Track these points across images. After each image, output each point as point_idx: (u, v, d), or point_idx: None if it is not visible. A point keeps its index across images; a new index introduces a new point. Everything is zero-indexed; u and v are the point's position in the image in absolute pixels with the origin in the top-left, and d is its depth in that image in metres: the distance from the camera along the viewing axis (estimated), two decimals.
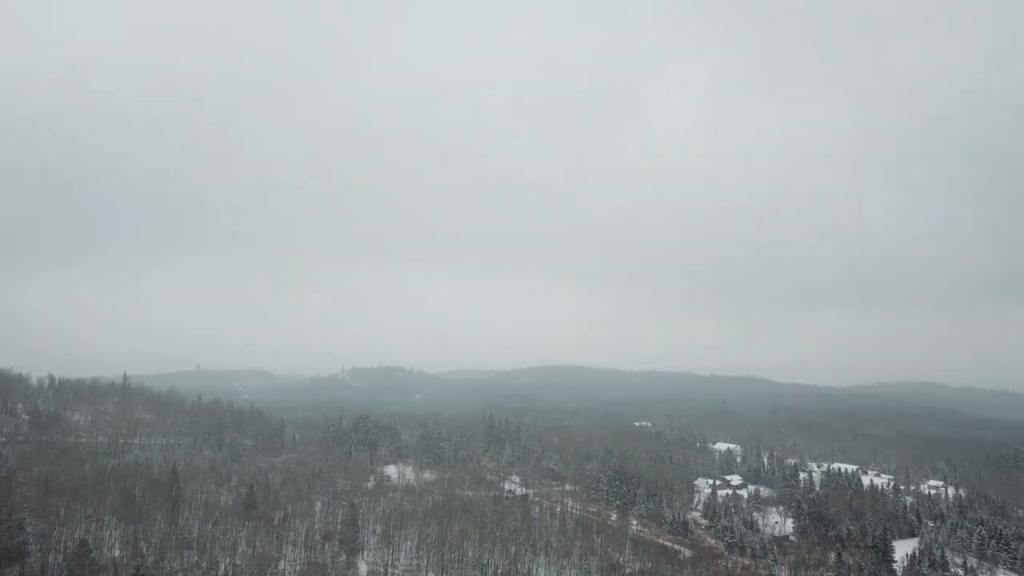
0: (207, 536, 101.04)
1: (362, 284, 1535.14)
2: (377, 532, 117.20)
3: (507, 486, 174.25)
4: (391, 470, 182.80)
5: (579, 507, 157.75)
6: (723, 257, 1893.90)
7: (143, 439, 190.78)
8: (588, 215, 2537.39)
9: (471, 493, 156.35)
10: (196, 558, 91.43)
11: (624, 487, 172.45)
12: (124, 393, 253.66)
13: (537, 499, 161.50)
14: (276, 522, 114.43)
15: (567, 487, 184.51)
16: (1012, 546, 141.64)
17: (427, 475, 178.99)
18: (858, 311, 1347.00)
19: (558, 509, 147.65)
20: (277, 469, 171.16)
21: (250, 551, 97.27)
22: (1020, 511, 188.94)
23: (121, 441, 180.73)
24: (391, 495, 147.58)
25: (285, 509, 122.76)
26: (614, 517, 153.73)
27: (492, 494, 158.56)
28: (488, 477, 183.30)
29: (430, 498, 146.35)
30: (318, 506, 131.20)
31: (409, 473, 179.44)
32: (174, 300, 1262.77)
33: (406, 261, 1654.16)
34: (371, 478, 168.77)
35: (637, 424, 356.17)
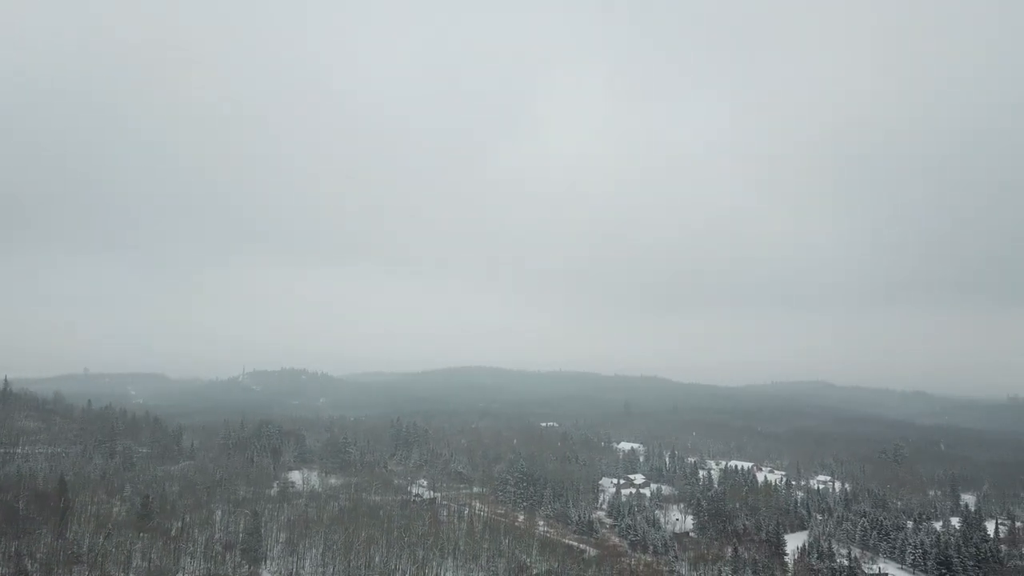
0: (98, 550, 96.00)
1: (261, 285, 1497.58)
2: (281, 540, 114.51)
3: (415, 490, 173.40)
4: (296, 476, 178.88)
5: (487, 509, 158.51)
6: (626, 260, 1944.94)
7: (26, 448, 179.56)
8: (490, 217, 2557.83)
9: (378, 498, 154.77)
10: (87, 573, 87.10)
11: (531, 488, 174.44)
12: (3, 399, 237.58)
13: (445, 502, 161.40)
14: (173, 533, 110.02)
15: (475, 490, 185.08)
16: (891, 536, 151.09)
17: (333, 480, 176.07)
18: (755, 313, 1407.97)
19: (466, 512, 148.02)
20: (174, 477, 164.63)
21: (145, 564, 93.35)
22: (899, 502, 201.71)
23: (1, 451, 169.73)
24: (296, 502, 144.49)
25: (183, 519, 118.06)
26: (521, 518, 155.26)
27: (400, 499, 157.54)
28: (396, 481, 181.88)
29: (336, 504, 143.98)
30: (218, 515, 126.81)
31: (314, 479, 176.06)
32: (56, 300, 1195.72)
33: (307, 262, 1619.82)
34: (275, 485, 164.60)
35: (544, 425, 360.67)
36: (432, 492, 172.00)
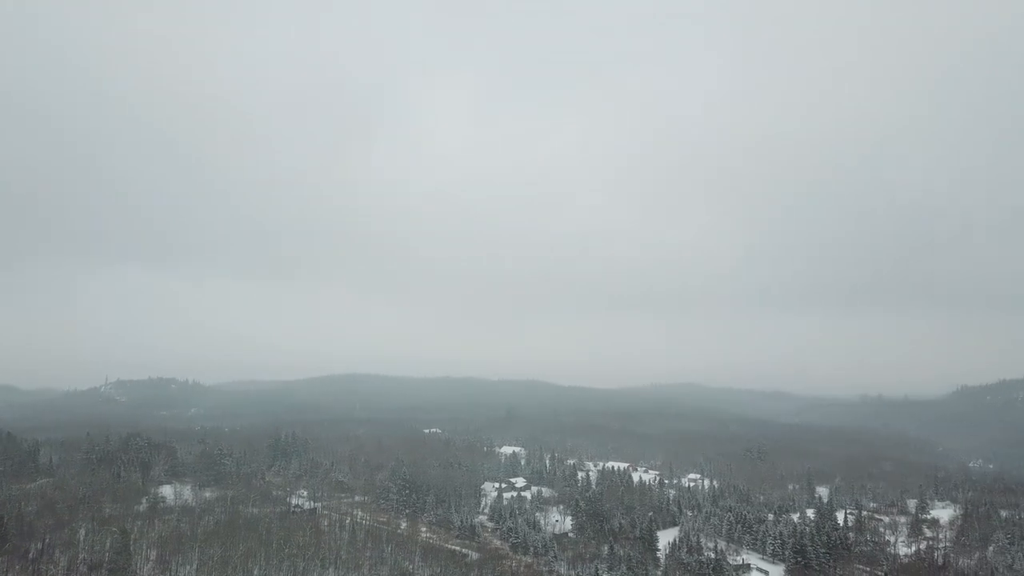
0: None
1: (123, 289, 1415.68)
2: (152, 558, 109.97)
3: (295, 501, 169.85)
4: (167, 490, 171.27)
5: (369, 517, 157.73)
6: (507, 265, 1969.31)
7: None
8: (369, 222, 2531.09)
9: (256, 510, 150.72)
10: None
11: (414, 495, 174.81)
12: None
13: (327, 512, 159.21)
14: (32, 555, 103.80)
15: (357, 498, 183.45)
16: (754, 528, 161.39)
17: (208, 494, 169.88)
18: (633, 317, 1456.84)
19: (347, 521, 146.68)
20: (31, 496, 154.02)
21: None
22: (761, 497, 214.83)
23: None
24: (167, 517, 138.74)
25: (43, 540, 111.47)
26: (404, 525, 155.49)
27: (279, 510, 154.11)
28: (275, 493, 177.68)
29: (211, 518, 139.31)
30: (83, 534, 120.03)
31: (187, 493, 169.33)
32: None
33: (175, 269, 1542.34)
34: (144, 501, 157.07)
35: (428, 431, 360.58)
36: (313, 502, 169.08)
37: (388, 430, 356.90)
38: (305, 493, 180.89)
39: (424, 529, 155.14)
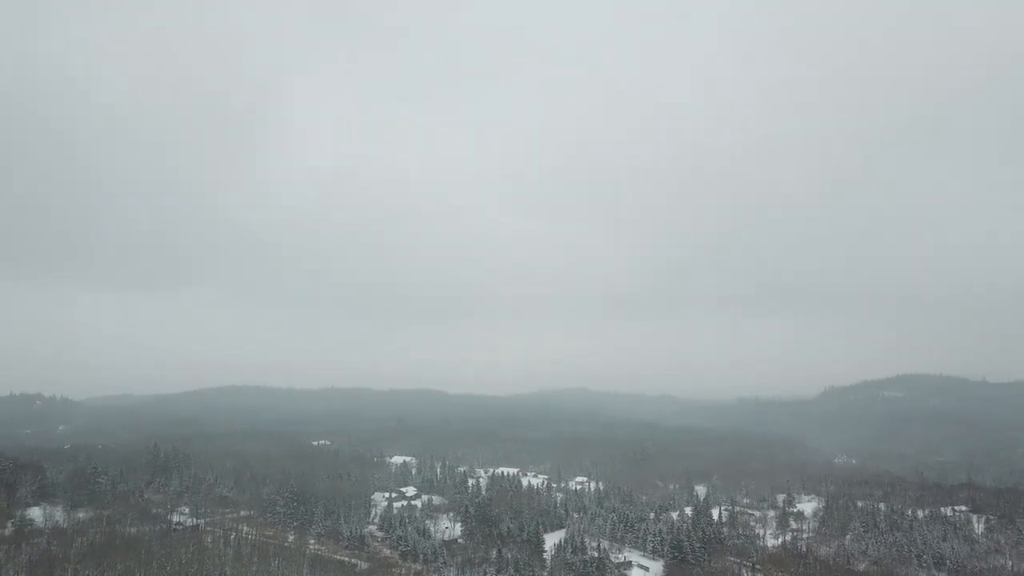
0: None
1: None
2: None
3: (176, 518, 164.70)
4: (35, 512, 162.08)
5: (255, 532, 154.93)
6: (391, 273, 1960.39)
7: None
8: (245, 230, 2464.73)
9: (135, 529, 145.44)
10: None
11: (301, 508, 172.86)
12: None
13: (210, 528, 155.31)
14: None
15: (243, 513, 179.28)
16: (636, 527, 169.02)
17: (81, 514, 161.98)
18: (524, 323, 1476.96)
19: (233, 537, 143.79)
20: None
21: None
22: (644, 497, 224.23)
23: None
24: (36, 541, 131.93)
25: None
26: (291, 538, 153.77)
27: (159, 528, 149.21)
28: (154, 511, 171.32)
29: (85, 539, 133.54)
30: None
31: (59, 514, 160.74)
32: None
33: (34, 274, 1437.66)
34: (9, 524, 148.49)
35: (316, 443, 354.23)
36: (196, 519, 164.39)
37: (275, 443, 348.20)
38: (187, 510, 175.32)
39: (312, 541, 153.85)
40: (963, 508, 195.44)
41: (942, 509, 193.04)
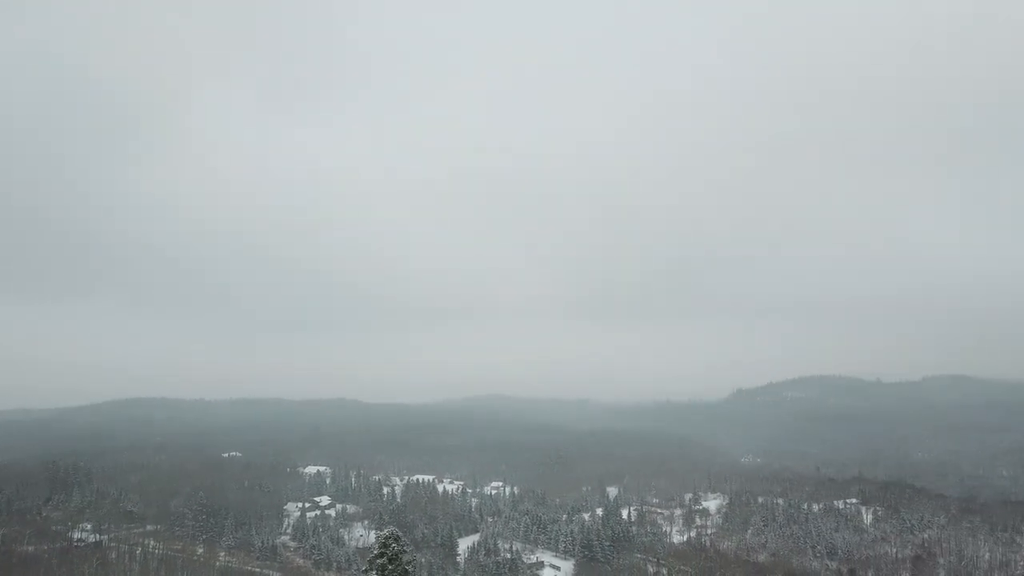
0: None
1: None
2: None
3: (77, 535, 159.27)
4: None
5: (162, 546, 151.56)
6: (306, 281, 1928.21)
7: None
8: (141, 238, 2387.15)
9: (32, 548, 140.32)
10: None
11: (211, 520, 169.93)
12: None
13: (114, 544, 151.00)
14: None
15: (149, 527, 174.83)
16: (548, 529, 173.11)
17: None
18: (445, 330, 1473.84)
19: (138, 552, 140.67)
20: None
21: None
22: (558, 499, 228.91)
23: None
24: None
25: None
26: (200, 551, 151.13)
27: (59, 546, 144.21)
28: (54, 528, 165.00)
29: None
30: None
31: None
32: None
33: None
34: None
35: (227, 455, 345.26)
36: (99, 535, 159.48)
37: (184, 456, 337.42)
38: (89, 526, 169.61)
39: (223, 553, 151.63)
40: (854, 501, 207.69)
41: (836, 502, 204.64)
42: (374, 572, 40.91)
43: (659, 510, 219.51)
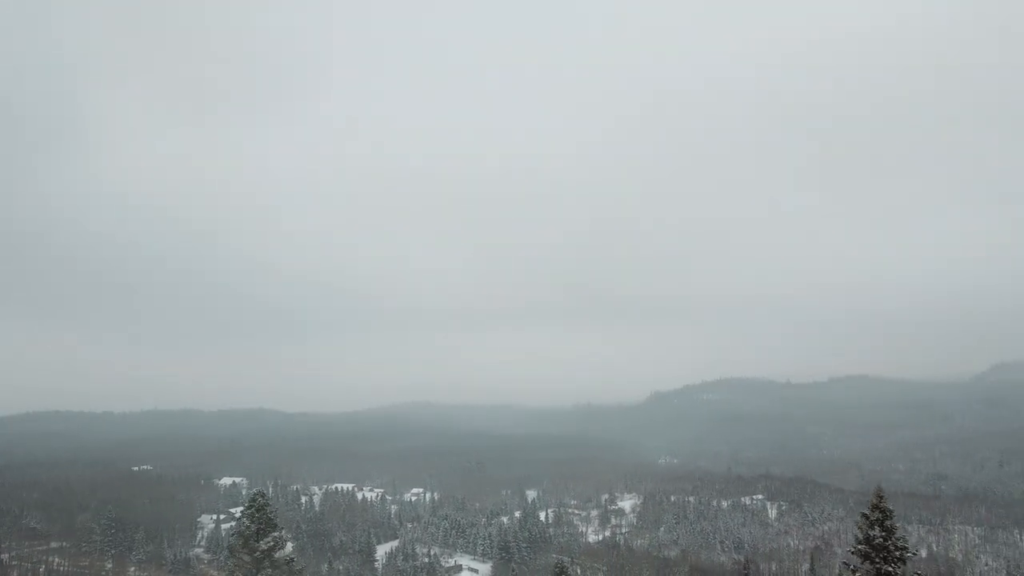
0: None
1: None
2: None
3: None
4: None
5: (68, 563, 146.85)
6: (216, 294, 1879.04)
7: None
8: (46, 245, 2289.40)
9: None
10: None
11: (120, 534, 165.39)
12: None
13: (15, 563, 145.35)
14: None
15: (54, 544, 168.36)
16: (467, 533, 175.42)
17: None
18: (367, 337, 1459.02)
19: (42, 569, 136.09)
20: None
21: None
22: (477, 504, 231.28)
23: None
24: None
25: None
26: (109, 566, 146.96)
27: None
28: None
29: None
30: None
31: None
32: None
33: None
34: None
35: (137, 468, 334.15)
36: None
37: (91, 470, 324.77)
38: None
39: (133, 568, 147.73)
40: (760, 497, 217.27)
41: (743, 499, 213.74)
42: (245, 520, 49.14)
43: (577, 511, 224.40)
